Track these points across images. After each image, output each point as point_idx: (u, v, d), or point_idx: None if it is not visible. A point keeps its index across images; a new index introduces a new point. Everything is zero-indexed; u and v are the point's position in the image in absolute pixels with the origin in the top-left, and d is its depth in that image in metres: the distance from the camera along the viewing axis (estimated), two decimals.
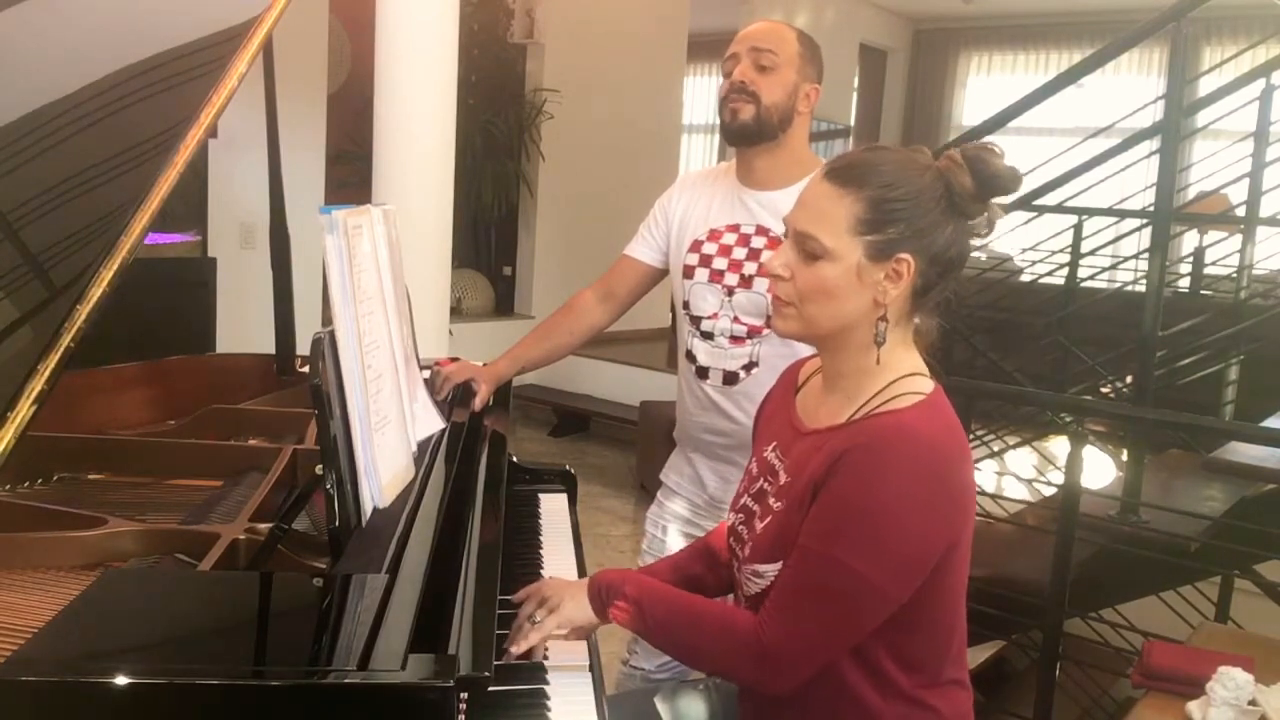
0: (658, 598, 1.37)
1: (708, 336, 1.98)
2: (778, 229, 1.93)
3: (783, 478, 1.35)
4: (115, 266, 1.26)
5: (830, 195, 1.26)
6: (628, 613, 1.35)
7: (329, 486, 1.25)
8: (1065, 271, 4.57)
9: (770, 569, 1.31)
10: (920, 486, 1.22)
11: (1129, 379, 3.51)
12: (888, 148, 1.31)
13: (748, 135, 1.92)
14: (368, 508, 1.32)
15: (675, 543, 2.06)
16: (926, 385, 1.30)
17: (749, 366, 1.95)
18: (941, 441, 1.25)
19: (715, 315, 1.96)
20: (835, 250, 1.25)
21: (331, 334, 1.29)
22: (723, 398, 1.97)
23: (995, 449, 4.09)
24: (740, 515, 1.42)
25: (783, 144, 1.93)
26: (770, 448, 1.42)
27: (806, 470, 1.29)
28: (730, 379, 1.96)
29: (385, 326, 1.48)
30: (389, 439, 1.40)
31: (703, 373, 1.99)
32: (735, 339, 1.95)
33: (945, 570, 1.27)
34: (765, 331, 1.93)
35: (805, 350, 1.84)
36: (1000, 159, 1.26)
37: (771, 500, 1.35)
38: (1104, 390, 4.20)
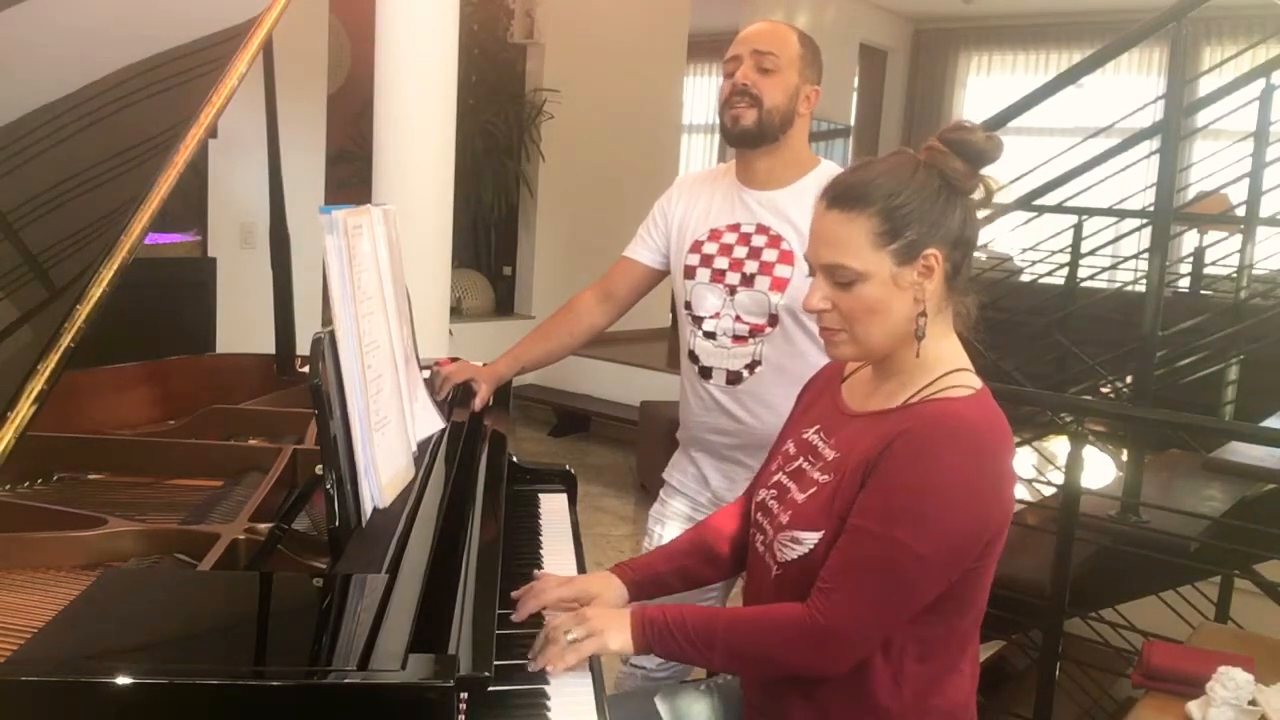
0: (700, 620, 1.36)
1: (710, 336, 1.98)
2: (778, 227, 1.93)
3: (829, 454, 1.38)
4: (115, 266, 1.27)
5: (841, 221, 1.30)
6: (675, 646, 1.35)
7: (329, 486, 1.25)
8: (1065, 271, 4.57)
9: (811, 536, 1.33)
10: (973, 468, 1.26)
11: (1129, 379, 3.51)
12: (873, 160, 1.36)
13: (749, 139, 1.92)
14: (368, 508, 1.32)
15: None
16: (976, 382, 1.35)
17: (752, 365, 1.95)
18: (991, 432, 1.30)
19: (717, 315, 1.96)
20: (867, 270, 1.30)
21: (331, 334, 1.29)
22: (726, 397, 1.97)
23: None
24: (773, 491, 1.44)
25: (783, 145, 1.94)
26: (812, 430, 1.45)
27: (859, 448, 1.33)
28: (734, 378, 1.96)
29: (385, 326, 1.48)
30: (389, 439, 1.40)
31: (706, 373, 1.99)
32: (738, 338, 1.95)
33: (982, 562, 1.31)
34: (768, 330, 1.93)
35: (809, 348, 1.86)
36: (978, 133, 1.32)
37: (816, 474, 1.38)
38: (1104, 390, 4.20)
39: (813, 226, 1.35)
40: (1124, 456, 3.49)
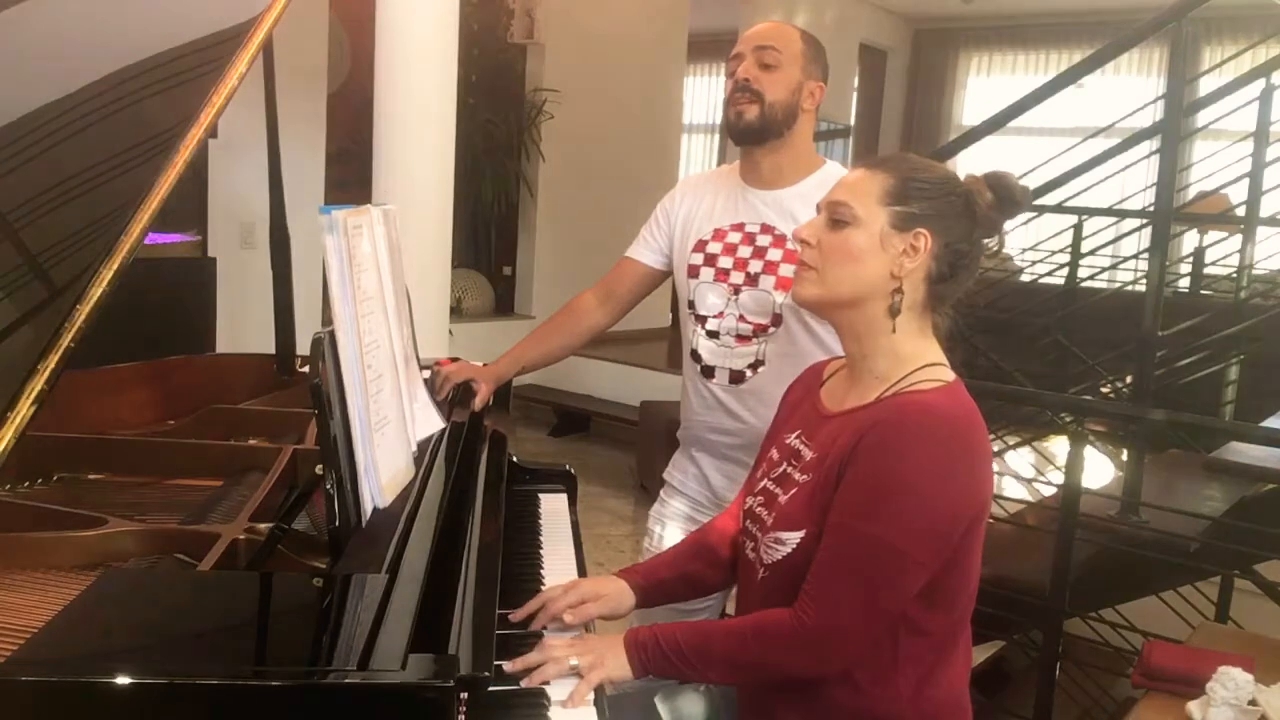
0: (691, 636, 1.37)
1: (713, 335, 1.98)
2: (783, 227, 1.93)
3: (808, 455, 1.40)
4: (115, 266, 1.26)
5: (862, 174, 1.40)
6: (669, 666, 1.36)
7: (329, 486, 1.25)
8: (1065, 271, 4.57)
9: (793, 536, 1.35)
10: (943, 456, 1.28)
11: (1129, 379, 3.51)
12: (917, 155, 1.47)
13: (753, 134, 1.92)
14: (368, 508, 1.32)
15: (676, 540, 2.06)
16: (949, 375, 1.38)
17: (755, 365, 1.95)
18: (963, 419, 1.33)
19: (721, 314, 1.97)
20: (863, 216, 1.36)
21: (331, 334, 1.29)
22: (729, 397, 1.97)
23: (995, 449, 4.09)
24: (760, 498, 1.46)
25: (788, 142, 1.94)
26: (794, 435, 1.47)
27: (836, 446, 1.35)
28: (736, 378, 1.96)
29: (385, 326, 1.48)
30: (389, 439, 1.40)
31: (708, 372, 1.99)
32: (741, 338, 1.95)
33: (966, 549, 1.32)
34: (771, 330, 1.93)
35: (812, 348, 1.86)
36: (1014, 178, 1.41)
37: (797, 476, 1.40)
38: (1104, 390, 4.20)
39: (838, 180, 1.43)
40: (1124, 456, 3.49)
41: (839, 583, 1.29)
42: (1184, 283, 5.23)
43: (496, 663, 1.26)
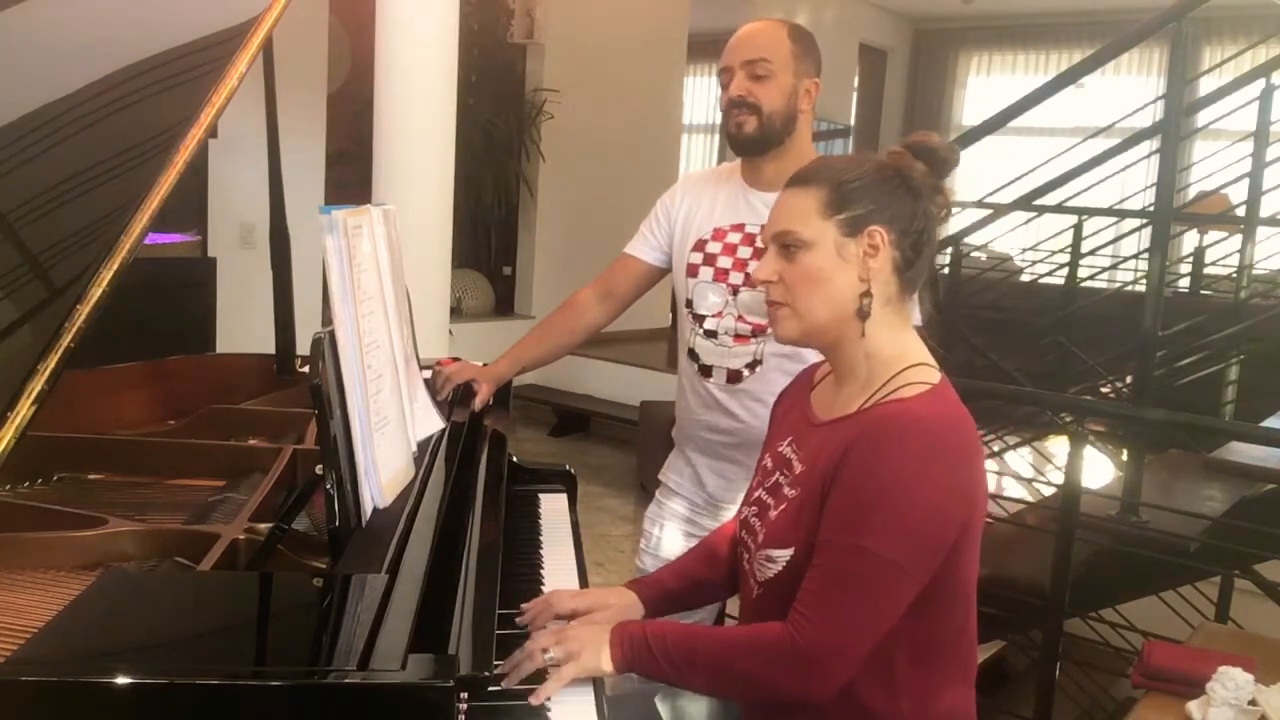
0: (681, 638, 1.33)
1: (711, 335, 1.98)
2: None
3: (798, 467, 1.38)
4: (115, 266, 1.27)
5: (794, 195, 1.38)
6: (654, 665, 1.32)
7: (329, 486, 1.25)
8: (1065, 271, 4.58)
9: (782, 554, 1.33)
10: (927, 463, 1.25)
11: (1129, 379, 3.51)
12: (834, 155, 1.41)
13: (755, 145, 1.92)
14: (368, 508, 1.32)
15: (673, 542, 2.06)
16: (933, 376, 1.35)
17: (753, 365, 1.95)
18: (946, 424, 1.30)
19: (720, 314, 1.96)
20: (813, 237, 1.34)
21: (331, 334, 1.29)
22: (726, 396, 1.97)
23: (995, 449, 4.10)
24: (754, 508, 1.45)
25: (789, 147, 1.93)
26: (785, 443, 1.45)
27: (821, 458, 1.33)
28: (734, 377, 1.96)
29: (385, 326, 1.48)
30: (389, 439, 1.40)
31: (706, 371, 1.99)
32: (739, 337, 1.95)
33: (956, 557, 1.29)
34: (769, 330, 1.93)
35: (812, 351, 1.86)
36: (938, 139, 1.40)
37: (786, 489, 1.38)
38: (1104, 390, 4.20)
39: (772, 208, 1.41)
40: (1124, 456, 3.49)
41: (831, 599, 1.26)
42: (1184, 283, 5.23)
43: (496, 663, 1.26)
